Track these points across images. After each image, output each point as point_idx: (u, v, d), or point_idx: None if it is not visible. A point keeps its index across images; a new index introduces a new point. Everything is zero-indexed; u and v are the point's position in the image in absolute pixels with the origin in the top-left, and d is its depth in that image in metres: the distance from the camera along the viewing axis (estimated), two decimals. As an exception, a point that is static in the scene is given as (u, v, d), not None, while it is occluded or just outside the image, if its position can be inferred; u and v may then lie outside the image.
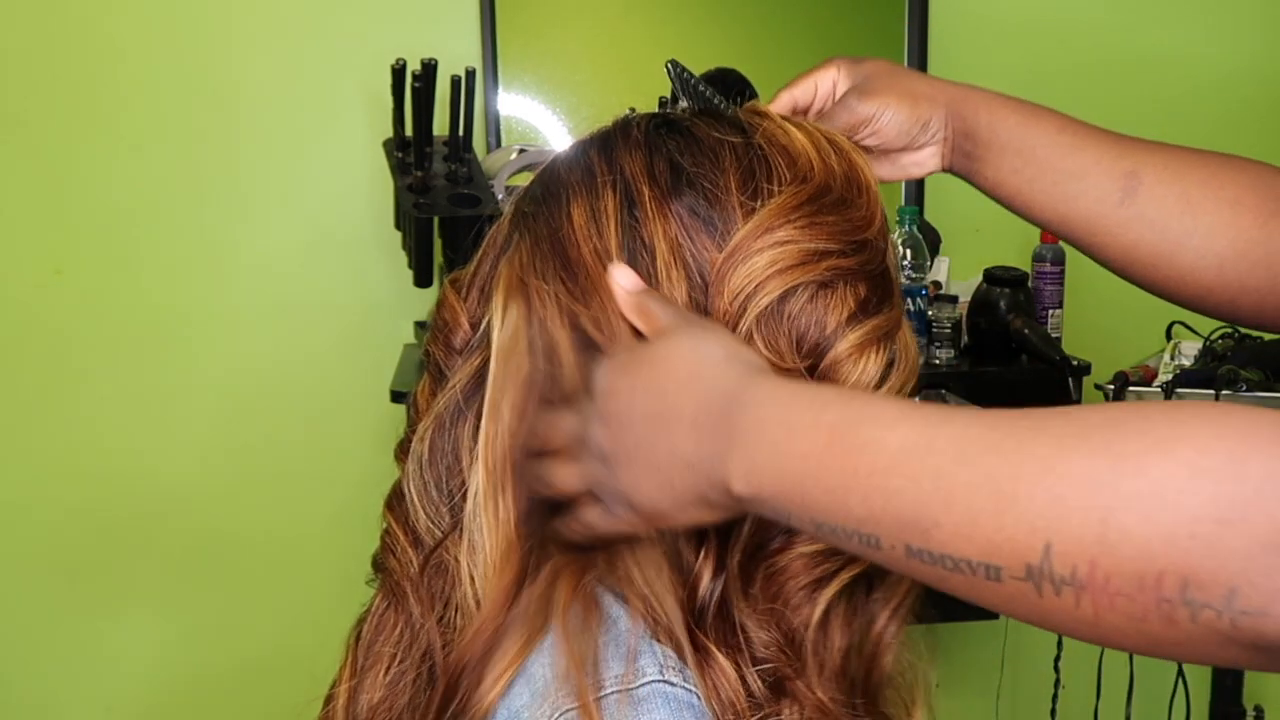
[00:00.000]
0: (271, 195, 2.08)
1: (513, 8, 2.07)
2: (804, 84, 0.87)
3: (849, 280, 0.67)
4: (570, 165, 0.71)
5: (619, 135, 0.71)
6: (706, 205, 0.67)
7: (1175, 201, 0.82)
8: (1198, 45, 2.30)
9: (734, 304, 0.65)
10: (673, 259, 0.66)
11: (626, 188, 0.68)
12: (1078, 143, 0.84)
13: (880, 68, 0.86)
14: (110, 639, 2.11)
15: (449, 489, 0.71)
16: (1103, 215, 0.83)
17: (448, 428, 0.71)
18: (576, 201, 0.69)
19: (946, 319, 1.93)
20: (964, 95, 0.86)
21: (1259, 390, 1.85)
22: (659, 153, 0.69)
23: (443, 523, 0.71)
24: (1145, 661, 2.06)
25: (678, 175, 0.68)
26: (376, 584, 0.74)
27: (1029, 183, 0.84)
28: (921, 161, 0.87)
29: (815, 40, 2.20)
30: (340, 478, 2.10)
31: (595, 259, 0.66)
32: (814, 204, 0.67)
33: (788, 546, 0.64)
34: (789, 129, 0.71)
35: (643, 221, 0.67)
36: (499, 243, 0.73)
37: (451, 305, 0.74)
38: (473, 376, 0.71)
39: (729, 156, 0.68)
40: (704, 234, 0.66)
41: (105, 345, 2.06)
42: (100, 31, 2.01)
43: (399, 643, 0.71)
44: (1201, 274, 0.82)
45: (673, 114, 0.73)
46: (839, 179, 0.70)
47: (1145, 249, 0.83)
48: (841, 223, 0.68)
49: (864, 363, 0.67)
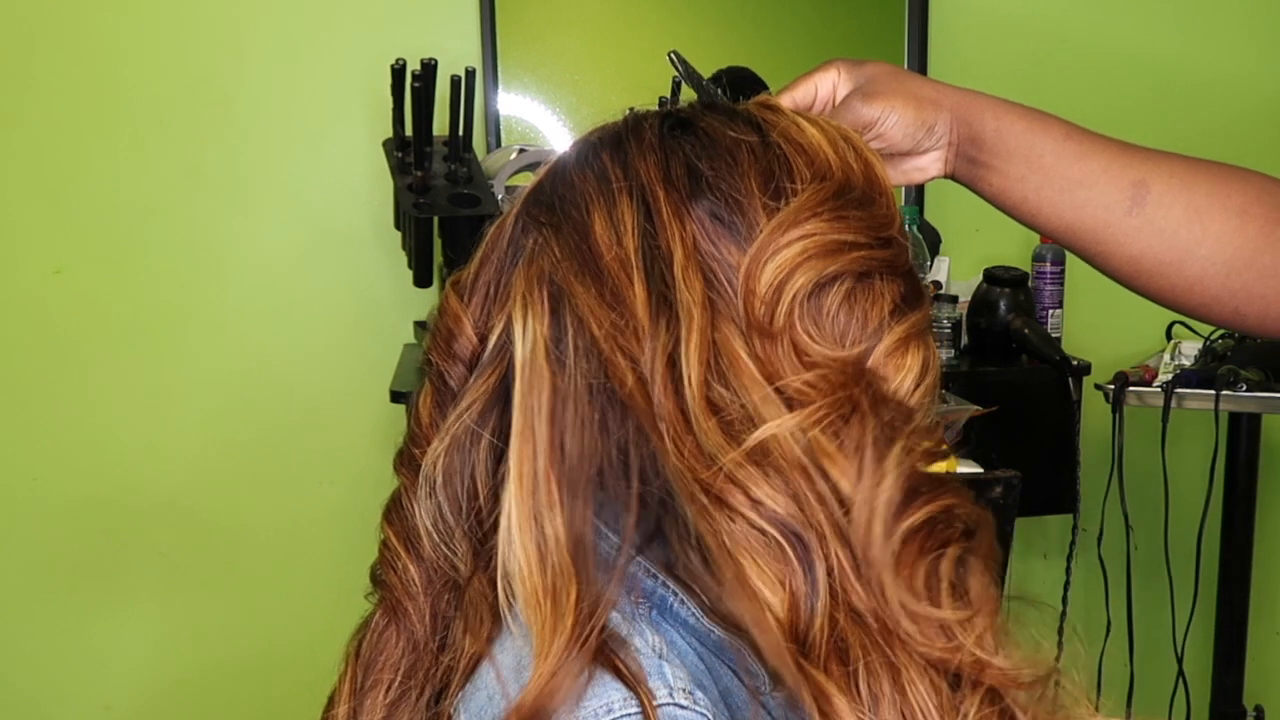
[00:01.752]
0: (272, 195, 2.08)
1: (513, 8, 2.07)
2: (803, 86, 0.86)
3: (885, 274, 0.66)
4: (583, 169, 0.69)
5: (631, 137, 0.69)
6: (728, 209, 0.65)
7: (1183, 210, 0.82)
8: (1199, 45, 2.30)
9: (768, 294, 0.62)
10: (688, 263, 0.63)
11: (643, 193, 0.66)
12: (1085, 150, 0.83)
13: (883, 70, 0.85)
14: (109, 637, 2.12)
15: (467, 512, 0.68)
16: (1110, 224, 0.83)
17: (466, 449, 0.68)
18: (595, 209, 0.66)
19: (946, 319, 1.93)
20: (969, 100, 0.85)
21: (1259, 390, 1.85)
22: (675, 156, 0.67)
23: (457, 546, 0.68)
24: (1145, 661, 2.06)
25: (696, 180, 0.66)
26: (375, 597, 0.71)
27: (1035, 190, 0.84)
28: (924, 167, 0.86)
29: (816, 39, 2.20)
30: (339, 477, 2.10)
31: (619, 266, 0.64)
32: (839, 199, 0.66)
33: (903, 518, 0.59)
34: (803, 125, 0.70)
35: (659, 228, 0.64)
36: (504, 248, 0.70)
37: (454, 311, 0.70)
38: (489, 394, 0.68)
39: (747, 157, 0.67)
40: (727, 238, 0.65)
41: (105, 344, 2.06)
42: (101, 31, 2.01)
43: (400, 662, 0.69)
44: (1208, 283, 0.83)
45: (684, 112, 0.71)
46: (858, 176, 0.69)
47: (1152, 258, 0.83)
48: (867, 218, 0.67)
49: (908, 359, 0.66)
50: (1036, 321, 1.97)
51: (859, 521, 0.59)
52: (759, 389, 0.61)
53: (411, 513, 0.69)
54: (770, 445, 0.60)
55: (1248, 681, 2.08)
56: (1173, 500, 2.01)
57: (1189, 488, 2.06)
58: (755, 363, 0.61)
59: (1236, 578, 2.06)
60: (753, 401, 0.60)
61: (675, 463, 0.60)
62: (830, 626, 0.58)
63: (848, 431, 0.60)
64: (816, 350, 0.63)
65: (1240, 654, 2.06)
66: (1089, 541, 2.02)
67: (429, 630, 0.68)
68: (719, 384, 0.61)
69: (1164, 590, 2.02)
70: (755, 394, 0.61)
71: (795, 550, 0.59)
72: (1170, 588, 2.01)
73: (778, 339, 0.62)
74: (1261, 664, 2.29)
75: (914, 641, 0.58)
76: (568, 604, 0.60)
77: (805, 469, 0.60)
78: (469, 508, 0.68)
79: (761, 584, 0.58)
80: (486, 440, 0.67)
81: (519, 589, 0.62)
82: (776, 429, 0.59)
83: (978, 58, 2.22)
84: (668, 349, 0.62)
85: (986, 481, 1.64)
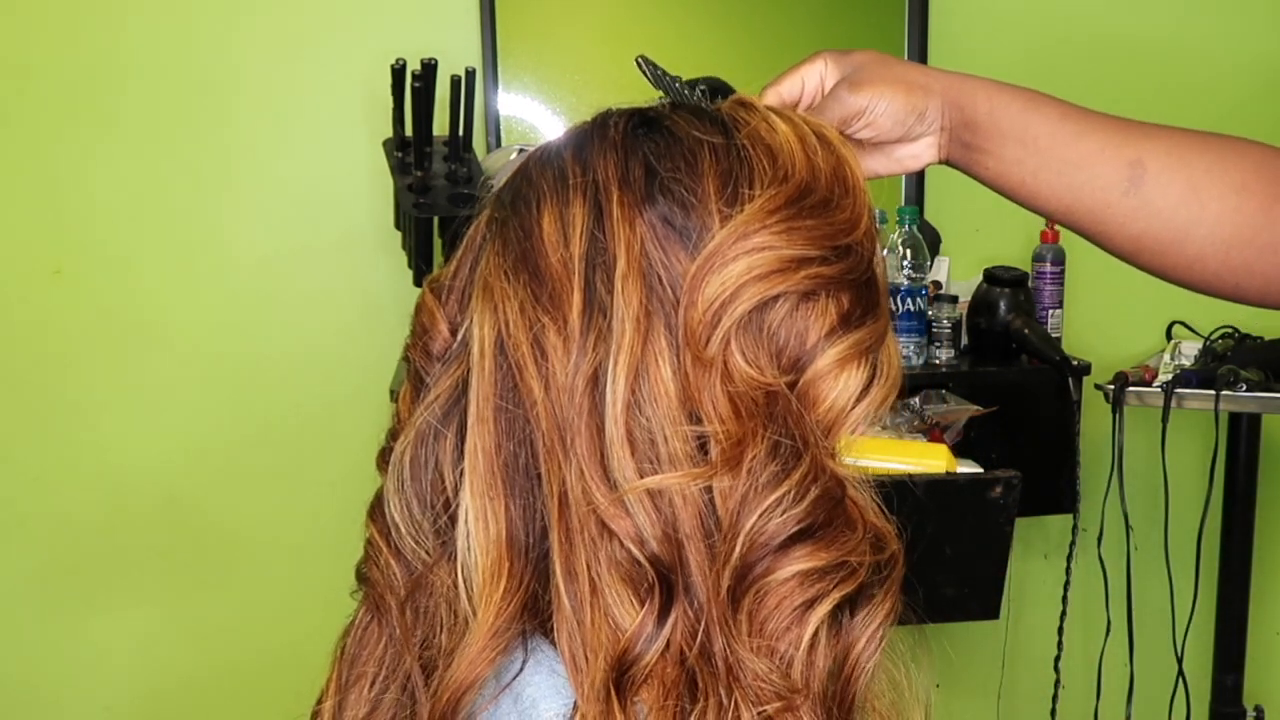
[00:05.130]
0: (271, 195, 2.08)
1: (513, 8, 2.07)
2: (790, 79, 0.84)
3: (831, 290, 0.64)
4: (543, 167, 0.68)
5: (596, 135, 0.68)
6: (682, 213, 0.63)
7: (1181, 189, 0.81)
8: (1199, 35, 2.30)
9: (708, 314, 0.61)
10: (630, 272, 0.62)
11: (597, 194, 0.64)
12: (1081, 130, 0.82)
13: (870, 58, 0.83)
14: (109, 637, 2.11)
15: (432, 505, 0.68)
16: (1108, 205, 0.82)
17: (429, 442, 0.68)
18: (547, 207, 0.65)
19: (946, 319, 1.93)
20: (961, 83, 0.83)
21: (1259, 390, 1.85)
22: (634, 155, 0.65)
23: (426, 541, 0.68)
24: (1145, 661, 2.06)
25: (652, 181, 0.64)
26: (360, 594, 0.72)
27: (1032, 174, 0.82)
28: (918, 154, 0.85)
29: (815, 39, 2.20)
30: (339, 477, 2.09)
31: (563, 269, 0.63)
32: (794, 206, 0.64)
33: (777, 566, 0.61)
34: (775, 124, 0.68)
35: (608, 232, 0.63)
36: (476, 245, 0.70)
37: (429, 309, 0.71)
38: (453, 388, 0.68)
39: (708, 159, 0.65)
40: (677, 244, 0.63)
41: (104, 345, 2.06)
42: (100, 31, 2.01)
43: (383, 658, 0.70)
44: (1208, 260, 0.82)
45: (653, 110, 0.69)
46: (824, 177, 0.66)
47: (1151, 238, 0.82)
48: (823, 226, 0.64)
49: (844, 378, 0.64)
50: (1036, 321, 1.96)
51: (734, 559, 0.60)
52: (673, 424, 0.61)
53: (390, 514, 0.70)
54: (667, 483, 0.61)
55: (1248, 681, 2.08)
56: (1173, 500, 2.01)
57: (1189, 488, 2.06)
58: (679, 382, 0.61)
59: (1236, 578, 2.06)
60: (665, 434, 0.61)
61: (574, 481, 0.61)
62: (677, 663, 0.60)
63: (744, 469, 0.61)
64: (742, 372, 0.62)
65: (1240, 654, 2.06)
66: (1089, 541, 2.02)
67: (410, 625, 0.68)
68: (637, 408, 0.61)
69: (1164, 590, 2.02)
70: (670, 428, 0.61)
71: (660, 588, 0.61)
72: (1170, 588, 2.01)
73: (708, 365, 0.62)
74: (1261, 664, 2.29)
75: (752, 692, 0.60)
76: (497, 595, 0.63)
77: (699, 514, 0.61)
78: (435, 500, 0.68)
79: (616, 611, 0.60)
80: (451, 435, 0.68)
81: (474, 578, 0.64)
82: (675, 482, 0.60)
83: (978, 56, 2.21)
84: (593, 364, 0.62)
85: (986, 481, 1.64)
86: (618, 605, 0.61)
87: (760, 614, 0.61)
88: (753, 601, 0.61)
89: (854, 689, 0.63)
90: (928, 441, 1.79)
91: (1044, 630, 2.02)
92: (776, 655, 0.61)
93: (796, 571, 0.61)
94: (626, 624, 0.60)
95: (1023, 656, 2.24)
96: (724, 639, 0.60)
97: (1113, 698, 2.07)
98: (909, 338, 1.90)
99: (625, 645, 0.60)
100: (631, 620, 0.60)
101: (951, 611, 1.70)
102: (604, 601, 0.61)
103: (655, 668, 0.60)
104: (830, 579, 0.61)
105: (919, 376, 1.91)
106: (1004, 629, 2.19)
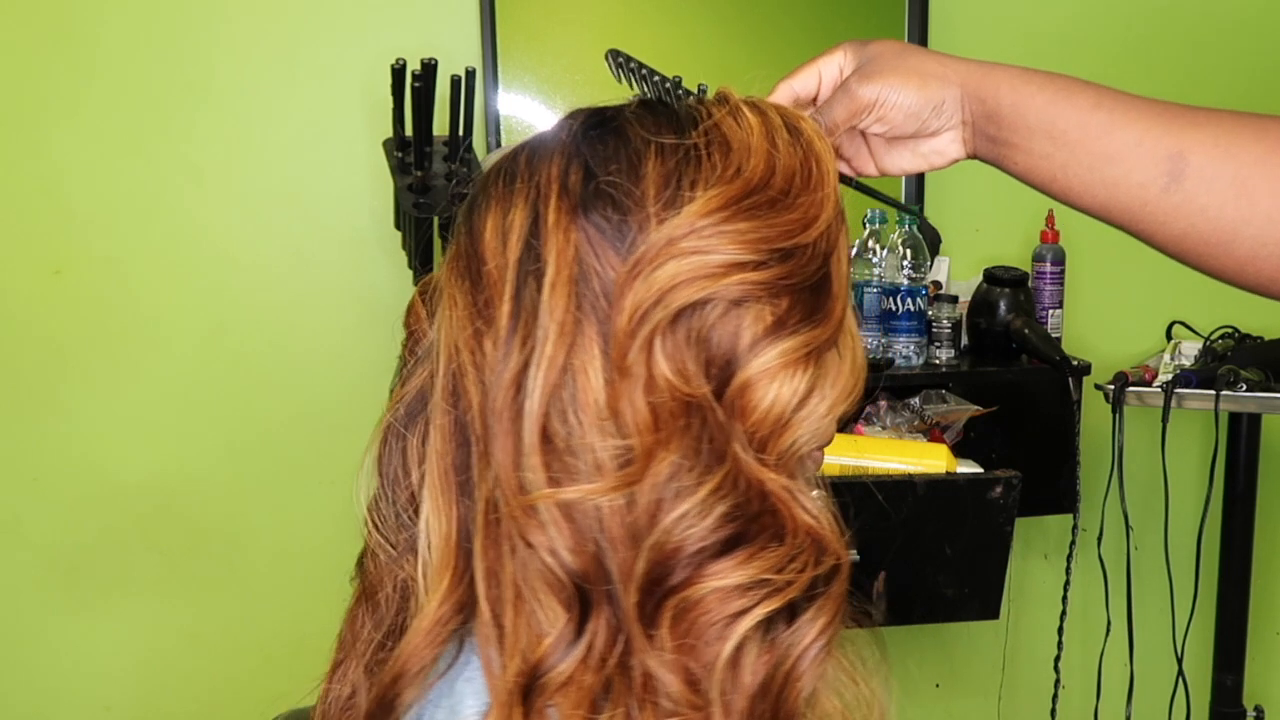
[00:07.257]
0: (272, 195, 2.08)
1: (513, 8, 2.07)
2: (806, 73, 0.80)
3: (765, 296, 0.61)
4: (499, 170, 0.67)
5: (551, 136, 0.67)
6: (618, 217, 0.62)
7: (1228, 185, 0.73)
8: (1199, 32, 2.29)
9: (631, 321, 0.59)
10: (558, 280, 0.61)
11: (537, 199, 0.63)
12: (1115, 121, 0.75)
13: (886, 48, 0.78)
14: (109, 637, 2.11)
15: (394, 501, 0.69)
16: (1146, 203, 0.75)
17: (394, 440, 0.70)
18: (492, 212, 0.65)
19: (946, 319, 1.93)
20: (983, 73, 0.77)
21: (1259, 390, 1.85)
22: (577, 158, 0.64)
23: (393, 534, 0.69)
24: (1145, 661, 2.06)
25: (589, 184, 0.62)
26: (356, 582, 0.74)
27: (1063, 168, 0.76)
28: (942, 149, 0.80)
29: (816, 39, 2.20)
30: (339, 477, 2.08)
31: (498, 275, 0.63)
32: (731, 208, 0.61)
33: (697, 579, 0.59)
34: (745, 116, 0.65)
35: (543, 238, 0.62)
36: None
37: (416, 312, 0.71)
38: (419, 389, 0.69)
39: (652, 160, 0.63)
40: (611, 250, 0.61)
41: (104, 345, 2.06)
42: (100, 31, 2.01)
43: (371, 637, 0.71)
44: (1262, 263, 0.74)
45: (611, 110, 0.68)
46: (782, 173, 0.63)
47: (1195, 239, 0.75)
48: (763, 229, 0.61)
49: (778, 385, 0.61)
50: (1036, 321, 1.96)
51: (638, 572, 0.60)
52: (601, 434, 0.60)
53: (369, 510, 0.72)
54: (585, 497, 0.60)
55: (1248, 682, 2.08)
56: (1173, 500, 2.01)
57: (1189, 488, 2.06)
58: (604, 390, 0.60)
59: (1236, 578, 2.06)
60: (592, 444, 0.60)
61: (494, 488, 0.62)
62: (597, 672, 0.60)
63: (648, 481, 0.60)
64: (666, 380, 0.60)
65: (1240, 654, 2.06)
66: (1089, 541, 2.02)
67: (395, 611, 0.70)
68: (558, 417, 0.61)
69: (1164, 590, 2.02)
70: (597, 438, 0.60)
71: (578, 598, 0.60)
72: (1170, 588, 2.01)
73: (629, 373, 0.60)
74: (1261, 664, 2.29)
75: (663, 704, 0.59)
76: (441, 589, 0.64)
77: (622, 524, 0.60)
78: (399, 496, 0.70)
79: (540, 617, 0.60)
80: (415, 434, 0.69)
81: (428, 573, 0.66)
82: (576, 495, 0.60)
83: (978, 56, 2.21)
84: (515, 372, 0.61)
85: (986, 481, 1.64)
86: (541, 612, 0.60)
87: (682, 626, 0.59)
88: (675, 614, 0.59)
89: (789, 705, 0.61)
90: (928, 441, 1.79)
91: (1044, 630, 2.02)
92: (696, 668, 0.59)
93: (715, 586, 0.59)
94: (549, 631, 0.60)
95: (1023, 656, 2.24)
96: (640, 650, 0.60)
97: (1113, 698, 2.07)
98: (909, 338, 1.90)
99: (542, 653, 0.60)
100: (553, 627, 0.60)
101: (952, 611, 1.70)
102: (528, 607, 0.61)
103: (574, 675, 0.60)
104: (755, 592, 0.59)
105: (919, 376, 1.91)
106: (1004, 629, 2.19)
